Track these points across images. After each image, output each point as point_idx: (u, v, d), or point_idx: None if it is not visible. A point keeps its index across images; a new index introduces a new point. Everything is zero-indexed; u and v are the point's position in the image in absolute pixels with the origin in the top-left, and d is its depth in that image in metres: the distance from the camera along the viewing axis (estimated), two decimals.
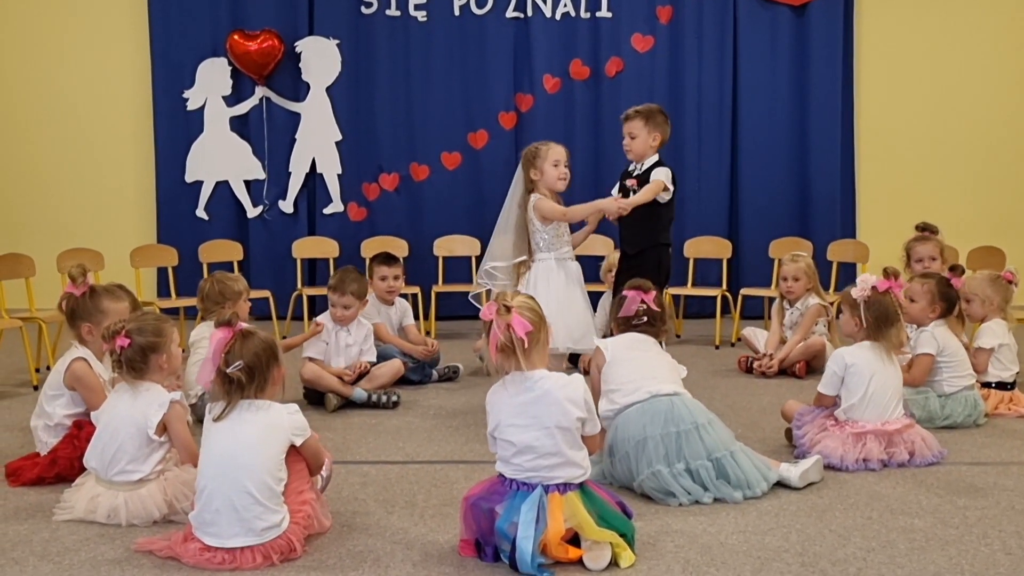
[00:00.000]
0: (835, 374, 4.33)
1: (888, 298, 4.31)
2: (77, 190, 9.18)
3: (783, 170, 9.02)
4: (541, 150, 5.23)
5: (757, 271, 8.64)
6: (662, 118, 5.42)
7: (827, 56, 8.95)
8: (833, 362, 4.36)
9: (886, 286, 4.32)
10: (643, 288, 4.16)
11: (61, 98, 9.16)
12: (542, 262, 5.21)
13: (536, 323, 3.18)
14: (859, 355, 4.31)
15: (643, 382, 3.93)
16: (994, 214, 9.00)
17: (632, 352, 4.06)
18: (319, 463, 3.41)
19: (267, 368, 3.26)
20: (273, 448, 3.21)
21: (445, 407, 5.52)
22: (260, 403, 3.24)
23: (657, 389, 3.91)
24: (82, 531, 3.46)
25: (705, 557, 3.18)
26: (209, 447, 3.20)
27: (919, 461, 4.21)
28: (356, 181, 9.04)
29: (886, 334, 4.32)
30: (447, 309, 8.51)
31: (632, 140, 5.41)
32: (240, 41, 8.68)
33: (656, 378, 3.96)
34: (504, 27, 8.95)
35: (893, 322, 4.32)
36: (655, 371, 4.00)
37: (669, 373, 4.04)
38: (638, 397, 3.90)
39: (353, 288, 5.62)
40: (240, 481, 3.10)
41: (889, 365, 4.32)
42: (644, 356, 4.07)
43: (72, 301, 4.25)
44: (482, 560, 3.13)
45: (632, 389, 3.93)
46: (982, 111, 9.13)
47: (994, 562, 3.12)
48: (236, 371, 3.19)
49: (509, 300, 3.17)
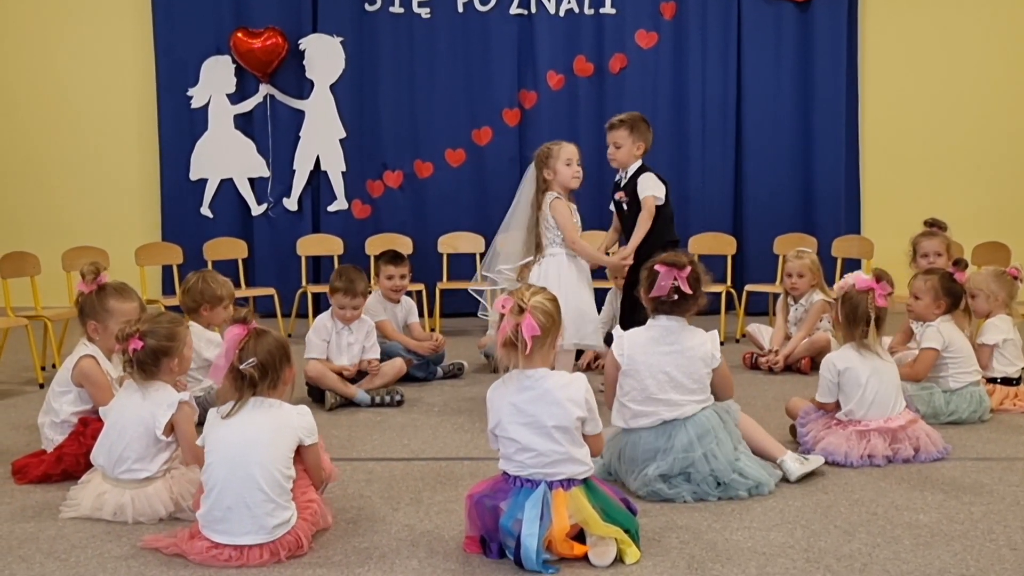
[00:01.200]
0: (829, 381, 4.32)
1: (862, 298, 4.27)
2: (82, 188, 9.19)
3: (787, 166, 9.01)
4: (553, 150, 5.25)
5: (762, 267, 8.64)
6: (645, 126, 5.49)
7: (831, 52, 8.94)
8: (825, 369, 4.34)
9: (866, 286, 4.29)
10: (677, 264, 3.82)
11: (66, 96, 9.17)
12: (554, 257, 5.21)
13: (546, 327, 3.15)
14: (849, 358, 4.30)
15: (655, 405, 3.78)
16: (999, 210, 8.99)
17: (650, 359, 3.81)
18: (320, 476, 3.39)
19: (279, 367, 3.28)
20: (284, 446, 3.22)
21: (450, 404, 5.53)
22: (270, 401, 3.26)
23: (668, 414, 3.77)
24: (88, 528, 3.47)
25: (710, 553, 3.18)
26: (218, 444, 3.20)
27: (924, 457, 4.21)
28: (360, 178, 9.04)
29: (854, 333, 4.31)
30: (451, 306, 8.51)
31: (617, 149, 5.47)
32: (244, 39, 8.69)
33: (668, 401, 3.78)
34: (508, 24, 8.94)
35: (860, 323, 4.28)
36: (670, 384, 3.78)
37: (685, 381, 3.79)
38: (648, 422, 3.79)
39: (362, 288, 5.61)
40: (253, 477, 3.11)
41: (881, 362, 4.31)
42: (660, 363, 3.80)
43: (81, 298, 4.27)
44: (487, 557, 3.13)
45: (641, 412, 3.79)
46: (986, 107, 9.12)
47: (999, 558, 3.12)
48: (249, 367, 3.20)
49: (526, 300, 3.14)
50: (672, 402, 3.78)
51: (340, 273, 5.71)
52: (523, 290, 3.21)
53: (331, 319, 5.64)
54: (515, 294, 3.18)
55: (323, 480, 3.43)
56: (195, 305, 5.20)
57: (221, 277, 5.35)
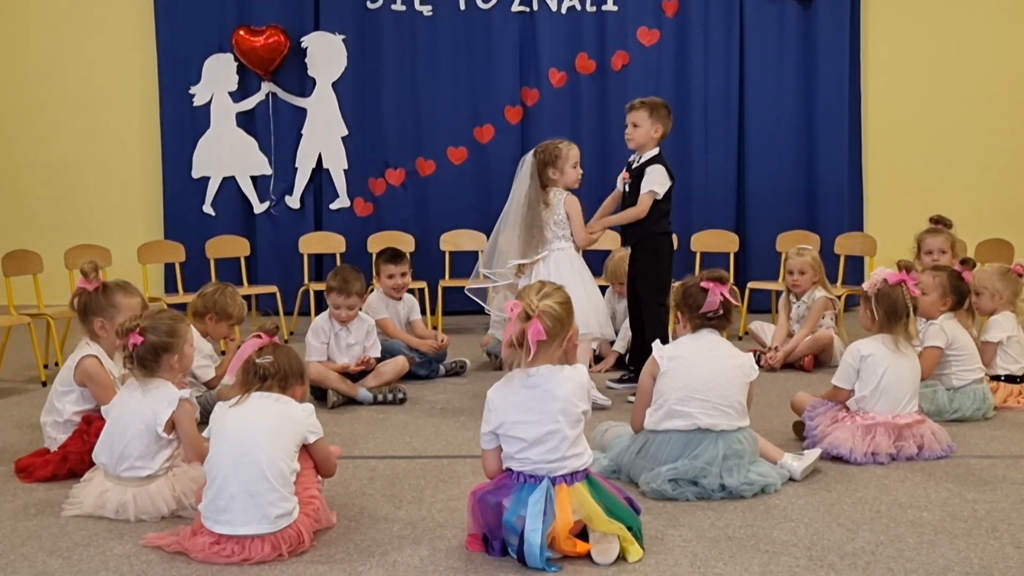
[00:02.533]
0: (851, 366, 4.32)
1: (898, 291, 4.29)
2: (84, 187, 9.18)
3: (790, 163, 8.99)
4: (562, 150, 5.33)
5: (764, 265, 8.62)
6: (665, 112, 5.50)
7: (834, 49, 8.91)
8: (849, 355, 4.36)
9: (897, 279, 4.30)
10: (722, 280, 3.87)
11: (68, 94, 9.16)
12: (563, 251, 5.30)
13: (553, 332, 3.15)
14: (874, 347, 4.30)
15: (693, 406, 3.74)
16: (1003, 206, 8.96)
17: (693, 356, 3.82)
18: (331, 466, 3.46)
19: (290, 376, 3.35)
20: (289, 438, 3.24)
21: (452, 402, 5.52)
22: (276, 395, 3.29)
23: (704, 419, 3.74)
24: (91, 526, 3.47)
25: (713, 551, 3.17)
26: (224, 433, 3.22)
27: (928, 455, 4.20)
28: (362, 176, 9.03)
29: (896, 328, 4.30)
30: (454, 304, 8.49)
31: (635, 128, 5.47)
32: (246, 37, 8.68)
33: (707, 403, 3.74)
34: (510, 21, 8.93)
35: (902, 316, 4.29)
36: (709, 387, 3.76)
37: (725, 388, 3.78)
38: (682, 425, 3.75)
39: (357, 288, 5.59)
40: (258, 465, 3.13)
41: (905, 358, 4.31)
42: (706, 359, 3.81)
43: (85, 296, 4.25)
44: (489, 555, 3.13)
45: (678, 412, 3.75)
46: (990, 103, 9.09)
47: (1003, 555, 3.12)
48: (264, 361, 3.27)
49: (534, 305, 3.13)
50: (712, 404, 3.75)
51: (336, 272, 5.72)
52: (531, 293, 3.20)
53: (329, 320, 5.63)
54: (524, 298, 3.17)
55: (332, 468, 3.49)
56: (204, 311, 5.22)
57: (240, 299, 5.39)
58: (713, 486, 3.68)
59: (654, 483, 3.70)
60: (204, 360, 5.06)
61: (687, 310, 3.90)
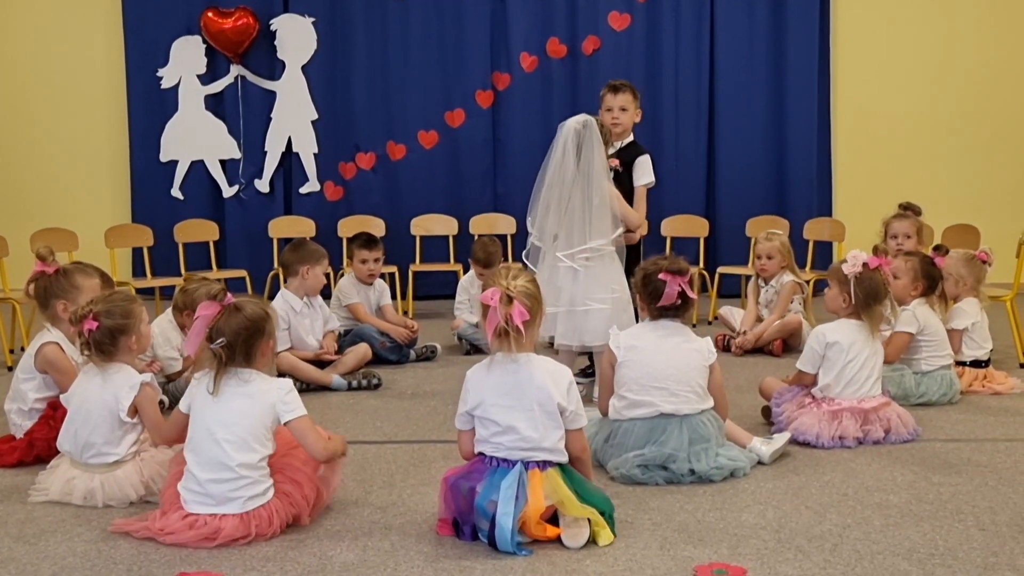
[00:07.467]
0: (815, 351, 4.35)
1: (878, 275, 4.35)
2: (50, 170, 9.07)
3: (760, 149, 9.02)
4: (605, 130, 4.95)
5: (734, 249, 8.66)
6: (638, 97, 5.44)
7: (804, 35, 8.94)
8: (814, 339, 4.38)
9: (876, 263, 4.36)
10: (680, 271, 3.80)
11: (33, 77, 9.03)
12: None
13: (533, 311, 3.18)
14: (840, 332, 4.33)
15: (653, 395, 3.76)
16: (969, 192, 9.04)
17: (648, 344, 3.82)
18: (317, 449, 3.28)
19: (251, 342, 3.27)
20: (259, 419, 3.21)
21: (423, 387, 5.52)
22: (248, 374, 3.25)
23: (665, 405, 3.75)
24: (57, 513, 3.44)
25: (682, 535, 3.19)
26: (196, 417, 3.23)
27: (894, 438, 4.24)
28: (332, 160, 8.99)
29: (872, 311, 4.35)
30: (424, 289, 8.50)
31: (623, 112, 5.29)
32: (214, 19, 8.59)
33: (666, 390, 3.76)
34: (481, 5, 8.89)
35: (881, 299, 4.36)
36: (669, 370, 3.78)
37: (683, 373, 3.79)
38: (644, 413, 3.77)
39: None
40: (225, 450, 3.13)
41: (870, 343, 4.35)
42: (659, 347, 3.80)
43: (44, 280, 4.18)
44: (460, 539, 3.14)
45: (638, 401, 3.78)
46: (958, 90, 9.15)
47: (967, 537, 3.16)
48: (218, 347, 3.21)
49: (512, 288, 3.14)
50: (670, 391, 3.76)
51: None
52: (501, 278, 3.19)
53: (284, 304, 5.58)
54: (496, 283, 3.16)
55: (329, 452, 3.33)
56: (183, 306, 5.16)
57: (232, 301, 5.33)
58: (682, 471, 3.70)
59: (622, 468, 3.72)
60: (173, 352, 5.03)
61: (647, 298, 3.88)
